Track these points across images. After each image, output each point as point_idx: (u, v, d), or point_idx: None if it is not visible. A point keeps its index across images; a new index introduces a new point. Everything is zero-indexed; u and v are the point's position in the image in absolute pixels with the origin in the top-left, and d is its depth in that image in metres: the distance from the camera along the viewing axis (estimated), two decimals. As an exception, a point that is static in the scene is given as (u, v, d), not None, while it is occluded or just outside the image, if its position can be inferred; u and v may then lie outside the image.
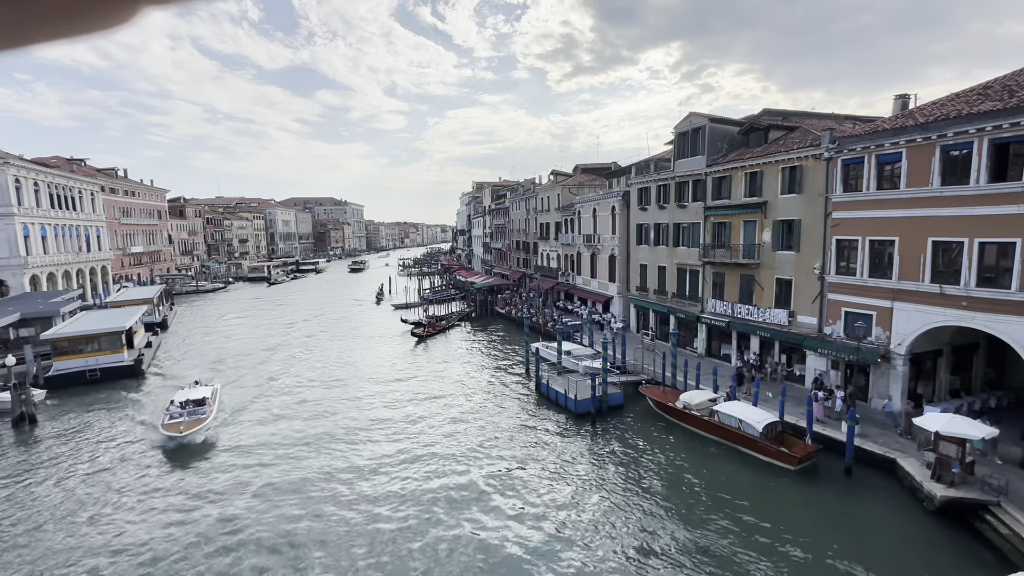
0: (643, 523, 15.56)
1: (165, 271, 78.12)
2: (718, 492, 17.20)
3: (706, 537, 14.70)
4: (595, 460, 19.85)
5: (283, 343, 40.66)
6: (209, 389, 24.47)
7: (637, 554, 14.10)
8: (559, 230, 48.64)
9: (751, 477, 17.98)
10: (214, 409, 22.86)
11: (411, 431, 22.74)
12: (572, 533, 15.09)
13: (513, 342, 39.81)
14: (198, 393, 23.61)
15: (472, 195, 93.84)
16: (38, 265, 44.18)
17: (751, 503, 16.40)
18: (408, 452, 20.57)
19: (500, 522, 15.69)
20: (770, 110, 31.93)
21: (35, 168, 45.64)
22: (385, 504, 16.71)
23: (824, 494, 16.84)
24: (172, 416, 21.58)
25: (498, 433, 22.43)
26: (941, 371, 21.35)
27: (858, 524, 15.01)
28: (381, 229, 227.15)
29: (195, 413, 21.80)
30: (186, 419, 21.28)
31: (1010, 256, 17.11)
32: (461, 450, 20.72)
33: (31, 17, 0.59)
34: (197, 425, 20.95)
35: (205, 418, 21.60)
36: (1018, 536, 13.15)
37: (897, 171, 20.24)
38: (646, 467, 19.17)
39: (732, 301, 28.28)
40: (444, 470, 19.04)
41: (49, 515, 16.34)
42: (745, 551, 14.00)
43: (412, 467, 19.26)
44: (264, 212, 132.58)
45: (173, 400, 22.86)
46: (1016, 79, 18.40)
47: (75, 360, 30.12)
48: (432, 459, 19.91)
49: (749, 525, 15.17)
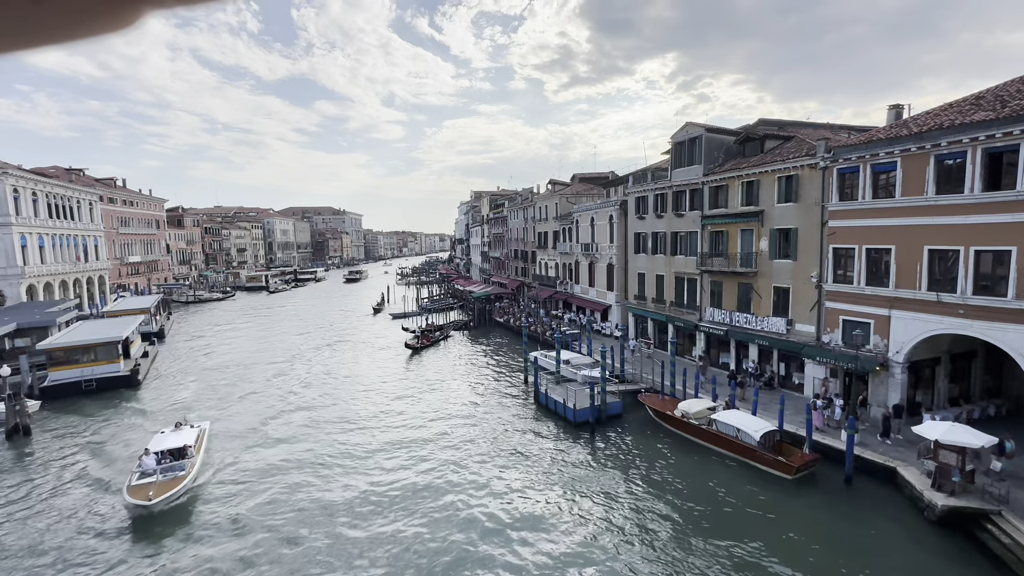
0: (640, 533, 15.42)
1: (163, 280, 78.00)
2: (715, 502, 17.08)
3: (701, 548, 14.57)
4: (593, 470, 19.72)
5: (282, 358, 40.24)
6: (194, 432, 20.38)
7: (633, 564, 13.96)
8: (557, 239, 48.77)
9: (749, 486, 17.86)
10: (197, 461, 18.80)
11: (413, 446, 22.56)
12: (569, 543, 14.93)
13: (511, 351, 39.71)
14: (179, 439, 19.58)
15: (470, 204, 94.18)
16: (35, 275, 44.07)
17: (748, 513, 16.28)
18: (409, 467, 20.42)
19: (498, 532, 15.54)
20: (766, 120, 32.21)
21: (34, 178, 45.69)
22: (381, 514, 16.56)
23: (823, 503, 16.72)
24: (143, 473, 17.47)
25: (497, 443, 22.28)
26: (940, 379, 21.35)
27: (858, 533, 14.90)
28: (379, 238, 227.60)
29: (172, 470, 17.66)
30: (159, 479, 17.10)
31: (1006, 264, 17.19)
32: (461, 460, 20.58)
33: (36, 20, 0.60)
34: (173, 487, 16.79)
35: (184, 476, 17.48)
36: (1019, 545, 13.06)
37: (892, 180, 20.40)
38: (644, 477, 19.05)
39: (730, 309, 28.31)
40: (443, 482, 18.90)
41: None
42: (741, 562, 13.88)
43: (413, 479, 19.11)
44: (262, 221, 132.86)
45: (148, 449, 18.63)
46: (1008, 89, 18.63)
47: (71, 370, 29.90)
48: (432, 472, 19.77)
49: (746, 535, 15.04)
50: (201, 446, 20.02)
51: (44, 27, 0.61)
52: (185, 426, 21.14)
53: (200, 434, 20.67)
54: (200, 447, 19.88)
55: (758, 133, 28.88)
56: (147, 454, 18.18)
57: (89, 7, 0.60)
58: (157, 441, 19.58)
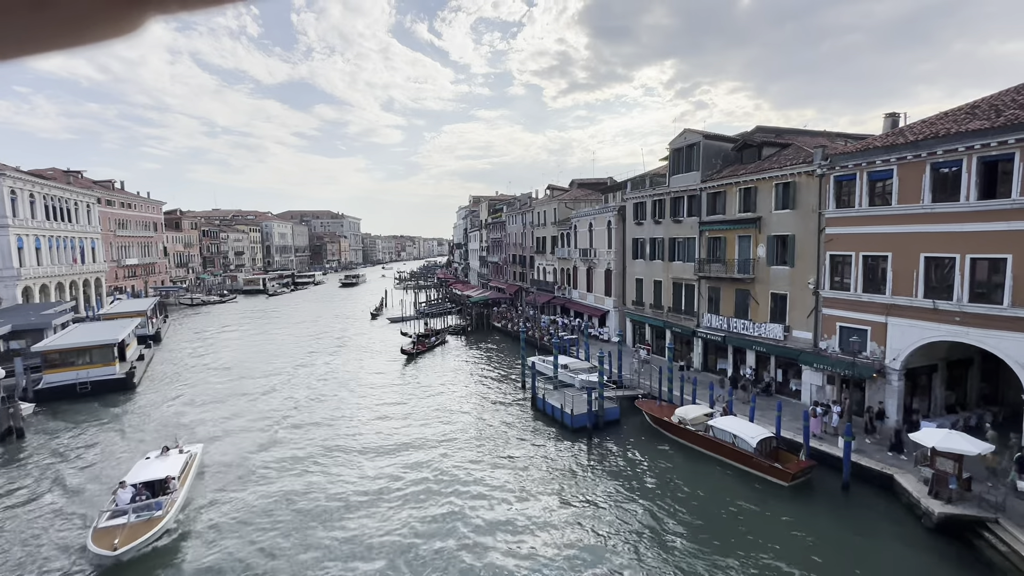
0: (635, 540, 15.36)
1: (160, 283, 77.74)
2: (711, 508, 17.04)
3: (696, 554, 14.51)
4: (590, 476, 19.66)
5: (280, 366, 39.84)
6: (182, 460, 17.60)
7: (629, 570, 13.89)
8: (555, 244, 48.83)
9: (745, 493, 17.82)
10: (179, 497, 16.11)
11: (408, 451, 22.47)
12: (563, 550, 14.86)
13: (509, 356, 39.65)
14: (163, 468, 16.71)
15: (469, 209, 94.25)
16: (31, 276, 43.91)
17: (744, 520, 16.23)
18: (403, 468, 20.33)
19: (493, 539, 15.47)
20: (763, 127, 32.41)
21: (31, 180, 45.63)
22: (377, 520, 16.47)
23: (820, 510, 16.68)
24: (114, 512, 14.71)
25: (494, 450, 22.21)
26: (936, 386, 21.39)
27: (855, 541, 14.85)
28: (378, 242, 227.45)
29: (147, 509, 14.87)
30: (131, 520, 14.30)
31: (1001, 272, 17.28)
32: (459, 466, 20.49)
33: (38, 28, 0.60)
34: (145, 532, 14.00)
35: (160, 518, 14.70)
36: (1017, 553, 13.06)
37: (888, 188, 20.51)
38: (640, 483, 18.99)
39: (728, 316, 28.35)
40: (442, 489, 18.81)
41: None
42: (737, 569, 13.83)
43: (411, 486, 19.01)
44: (260, 225, 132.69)
45: (124, 481, 15.83)
46: (1002, 99, 18.78)
47: (66, 373, 29.74)
48: (429, 479, 19.67)
49: (742, 542, 14.99)
50: (188, 476, 17.52)
51: (46, 34, 0.61)
52: (174, 450, 18.64)
53: (188, 461, 18.08)
54: (186, 478, 17.34)
55: (756, 140, 29.04)
56: (123, 487, 15.56)
57: (92, 14, 0.60)
58: (138, 470, 17.04)
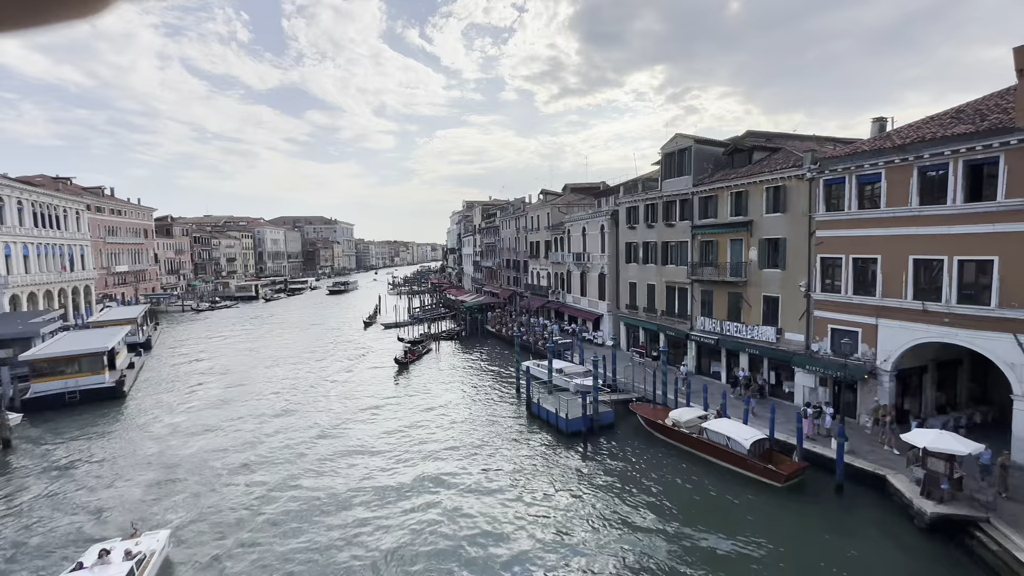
0: (630, 542, 15.31)
1: (150, 290, 76.98)
2: (705, 510, 17.06)
3: (691, 556, 14.50)
4: (585, 480, 19.61)
5: (274, 378, 39.15)
6: (136, 559, 13.09)
7: (623, 572, 13.87)
8: (549, 249, 48.93)
9: (739, 495, 17.85)
10: None
11: (404, 454, 22.33)
12: (558, 553, 14.80)
13: (504, 361, 39.57)
14: (115, 570, 12.58)
15: (462, 214, 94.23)
16: (19, 284, 43.33)
17: (738, 521, 16.24)
18: (401, 476, 20.19)
19: (487, 543, 15.36)
20: (753, 132, 32.69)
21: (19, 186, 45.11)
22: (374, 522, 16.32)
23: (813, 511, 16.73)
24: None
25: (490, 455, 22.11)
26: (927, 387, 21.57)
27: (848, 541, 14.89)
28: (371, 248, 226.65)
29: None
30: None
31: (988, 273, 17.50)
32: (454, 472, 20.38)
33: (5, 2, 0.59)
34: None
35: None
36: (1008, 553, 13.14)
37: (877, 191, 20.75)
38: (635, 486, 18.97)
39: (720, 319, 28.48)
40: (437, 492, 18.68)
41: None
42: (730, 570, 13.82)
43: (405, 487, 18.88)
44: (253, 231, 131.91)
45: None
46: (987, 103, 19.09)
47: (54, 382, 29.32)
48: (423, 481, 19.56)
49: (735, 543, 14.99)
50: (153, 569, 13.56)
51: (11, 9, 0.60)
52: (124, 544, 13.85)
53: (146, 560, 13.47)
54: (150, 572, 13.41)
55: (746, 145, 29.30)
56: None
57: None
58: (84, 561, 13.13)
